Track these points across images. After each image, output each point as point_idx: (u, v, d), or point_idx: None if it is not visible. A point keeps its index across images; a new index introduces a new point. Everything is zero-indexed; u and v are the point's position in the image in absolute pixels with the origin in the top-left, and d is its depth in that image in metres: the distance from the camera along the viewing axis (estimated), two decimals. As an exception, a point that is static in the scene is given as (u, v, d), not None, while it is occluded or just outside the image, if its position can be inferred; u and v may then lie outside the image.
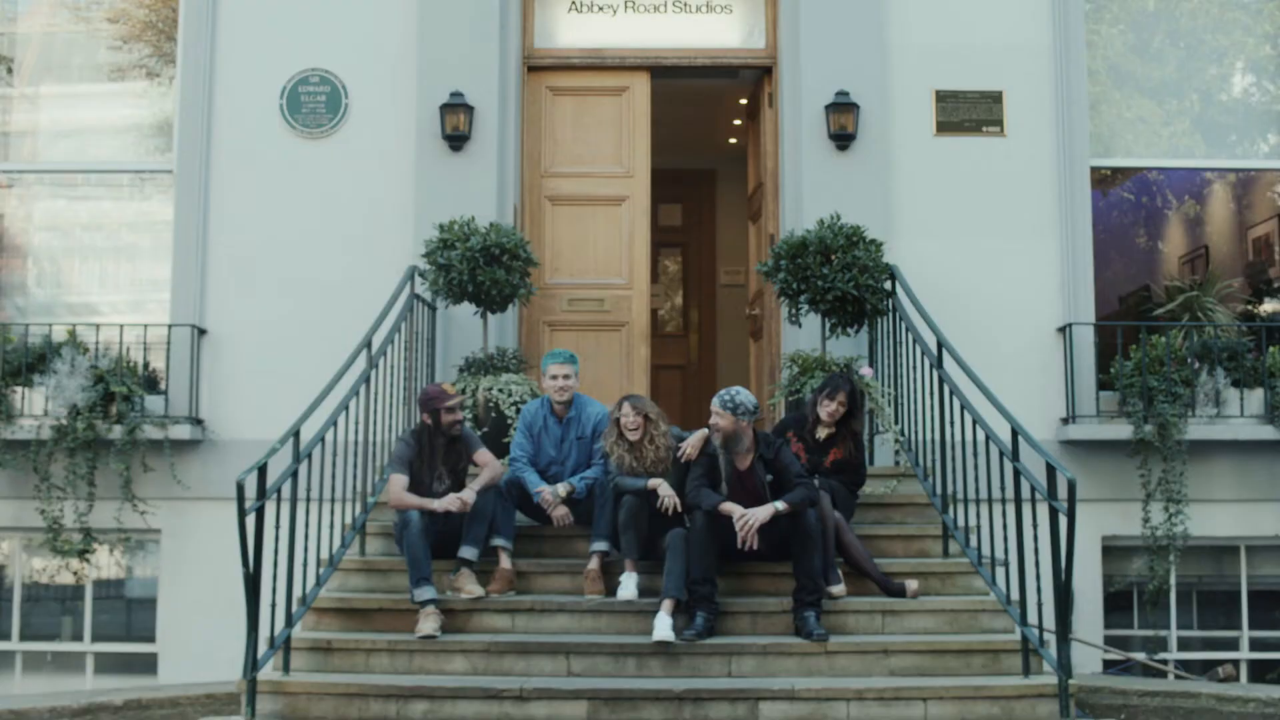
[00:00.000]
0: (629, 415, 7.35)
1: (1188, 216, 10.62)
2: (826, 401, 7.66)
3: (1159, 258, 10.62)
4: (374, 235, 9.47)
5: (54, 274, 10.22)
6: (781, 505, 6.95)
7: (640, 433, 7.33)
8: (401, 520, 7.19)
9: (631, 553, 7.19)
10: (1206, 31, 10.17)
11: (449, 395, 7.45)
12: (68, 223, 10.30)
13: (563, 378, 7.71)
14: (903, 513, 8.09)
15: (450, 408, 7.42)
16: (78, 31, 10.17)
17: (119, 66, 10.11)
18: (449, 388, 7.52)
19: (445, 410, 7.41)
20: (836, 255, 8.45)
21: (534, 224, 9.85)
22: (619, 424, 7.39)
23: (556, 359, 7.77)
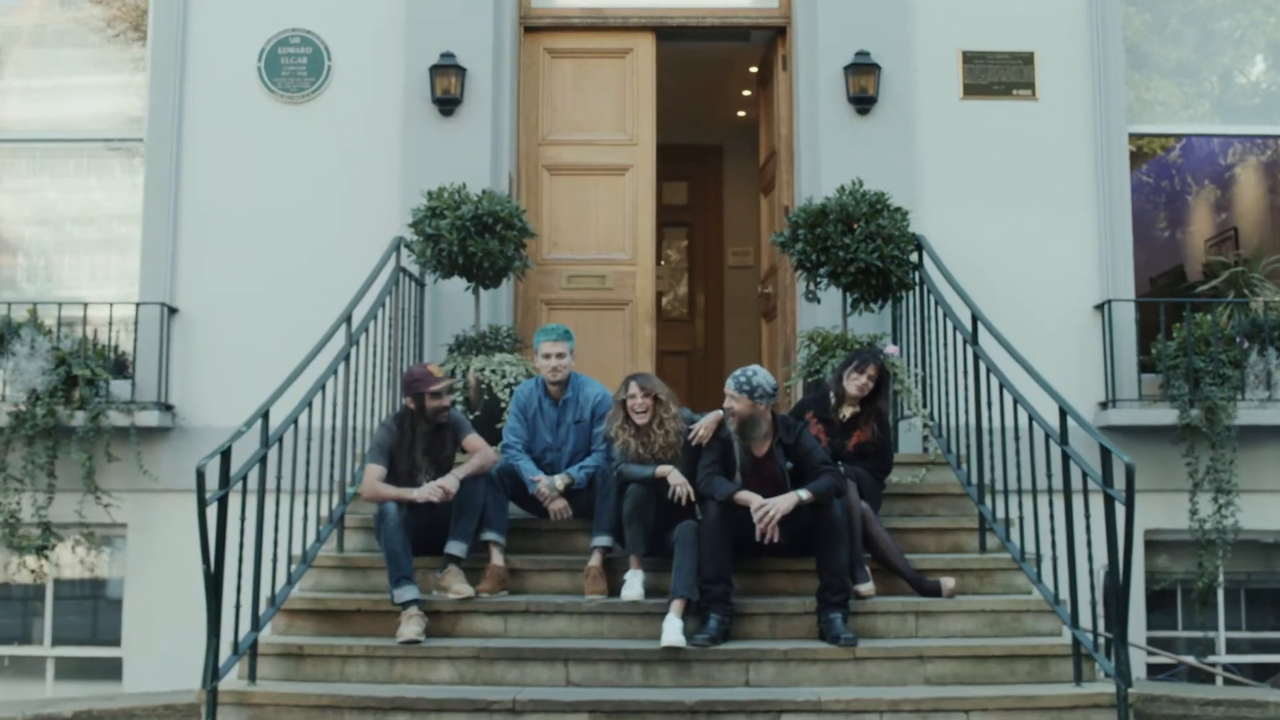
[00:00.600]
0: (637, 396, 6.66)
1: (1220, 192, 9.92)
2: (855, 375, 6.97)
3: (1190, 236, 9.92)
4: (359, 207, 8.78)
5: (14, 250, 9.50)
6: (805, 494, 6.27)
7: (649, 416, 6.64)
8: (379, 513, 6.50)
9: (637, 548, 6.50)
10: (1226, 13, 9.46)
11: (434, 378, 6.75)
12: (34, 196, 9.56)
13: (555, 356, 7.02)
14: (933, 503, 7.40)
15: (436, 392, 6.72)
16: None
17: (88, 28, 9.38)
18: (435, 369, 6.82)
19: (430, 395, 6.71)
20: (859, 224, 7.76)
21: (531, 195, 9.16)
22: (625, 406, 6.71)
23: (548, 336, 7.07)
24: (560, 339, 7.02)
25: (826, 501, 6.29)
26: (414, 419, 6.77)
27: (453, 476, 6.58)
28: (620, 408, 6.72)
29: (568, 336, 7.06)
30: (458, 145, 8.73)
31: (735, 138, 12.78)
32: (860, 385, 6.97)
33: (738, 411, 6.41)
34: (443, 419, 6.77)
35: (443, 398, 6.74)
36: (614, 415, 6.75)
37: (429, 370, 6.79)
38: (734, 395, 6.43)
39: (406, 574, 6.34)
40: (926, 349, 7.88)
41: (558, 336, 7.03)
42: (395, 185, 8.70)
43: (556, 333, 7.05)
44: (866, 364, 7.00)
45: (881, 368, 7.06)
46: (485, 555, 6.68)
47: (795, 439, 6.52)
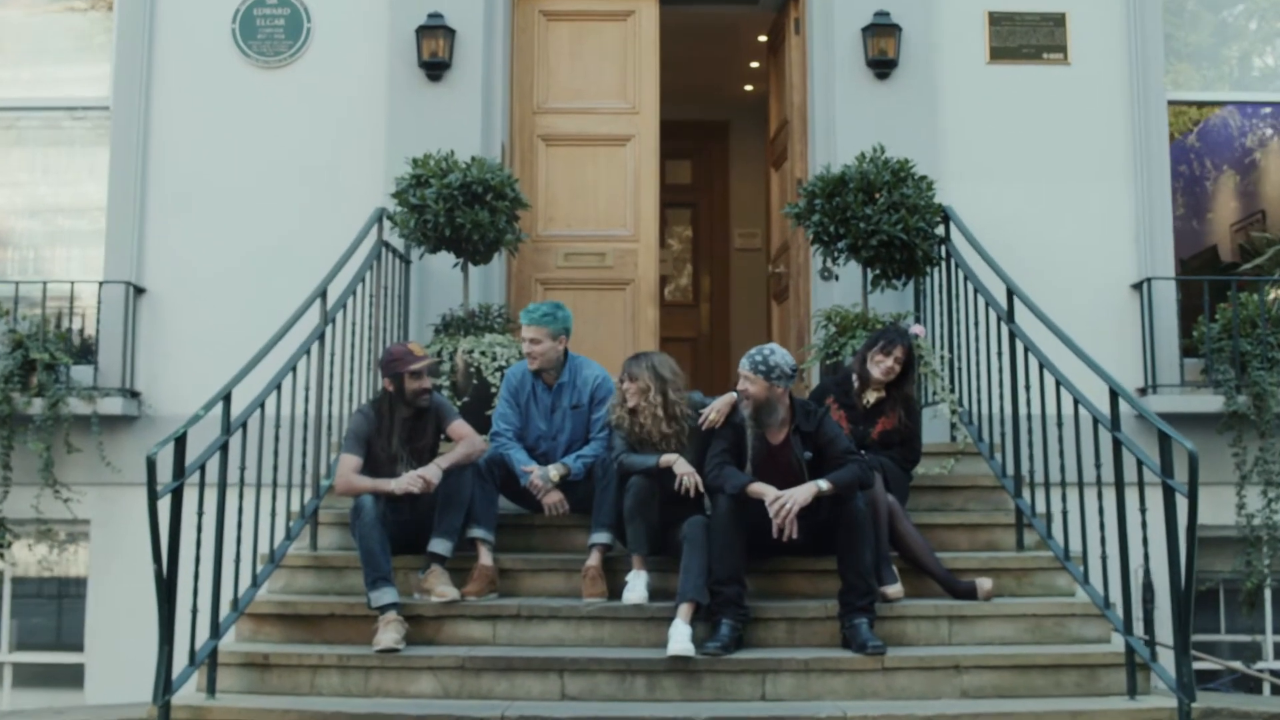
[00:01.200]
0: (624, 381, 6.06)
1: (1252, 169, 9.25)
2: (880, 357, 6.34)
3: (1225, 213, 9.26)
4: (341, 179, 8.14)
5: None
6: (825, 485, 5.64)
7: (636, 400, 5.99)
8: (354, 507, 5.88)
9: (640, 546, 5.87)
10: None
11: (415, 356, 6.12)
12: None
13: (529, 342, 6.38)
14: (963, 497, 6.78)
15: (416, 372, 6.09)
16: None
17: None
18: (416, 348, 6.20)
19: (410, 375, 6.09)
20: (881, 194, 7.12)
21: (525, 167, 8.53)
22: (623, 397, 6.09)
23: (525, 318, 6.41)
24: (537, 323, 6.36)
25: (849, 494, 5.67)
26: (393, 403, 6.15)
27: (435, 466, 5.96)
28: (619, 392, 6.11)
29: (550, 320, 6.38)
30: (446, 112, 8.10)
31: (742, 113, 12.16)
32: (886, 369, 6.34)
33: (752, 394, 5.79)
34: (423, 402, 6.14)
35: (423, 378, 6.11)
36: (615, 401, 6.13)
37: (409, 349, 6.17)
38: (748, 376, 5.80)
39: (384, 575, 5.72)
40: (954, 329, 7.26)
41: (535, 320, 6.36)
42: (380, 155, 8.06)
43: (534, 315, 6.38)
44: (894, 345, 6.37)
45: (909, 349, 6.44)
46: (472, 554, 6.05)
47: (816, 425, 5.89)
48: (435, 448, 6.23)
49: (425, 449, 6.15)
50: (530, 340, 6.34)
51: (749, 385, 5.80)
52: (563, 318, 6.39)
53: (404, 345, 6.25)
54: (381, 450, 6.08)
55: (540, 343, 6.33)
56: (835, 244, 7.22)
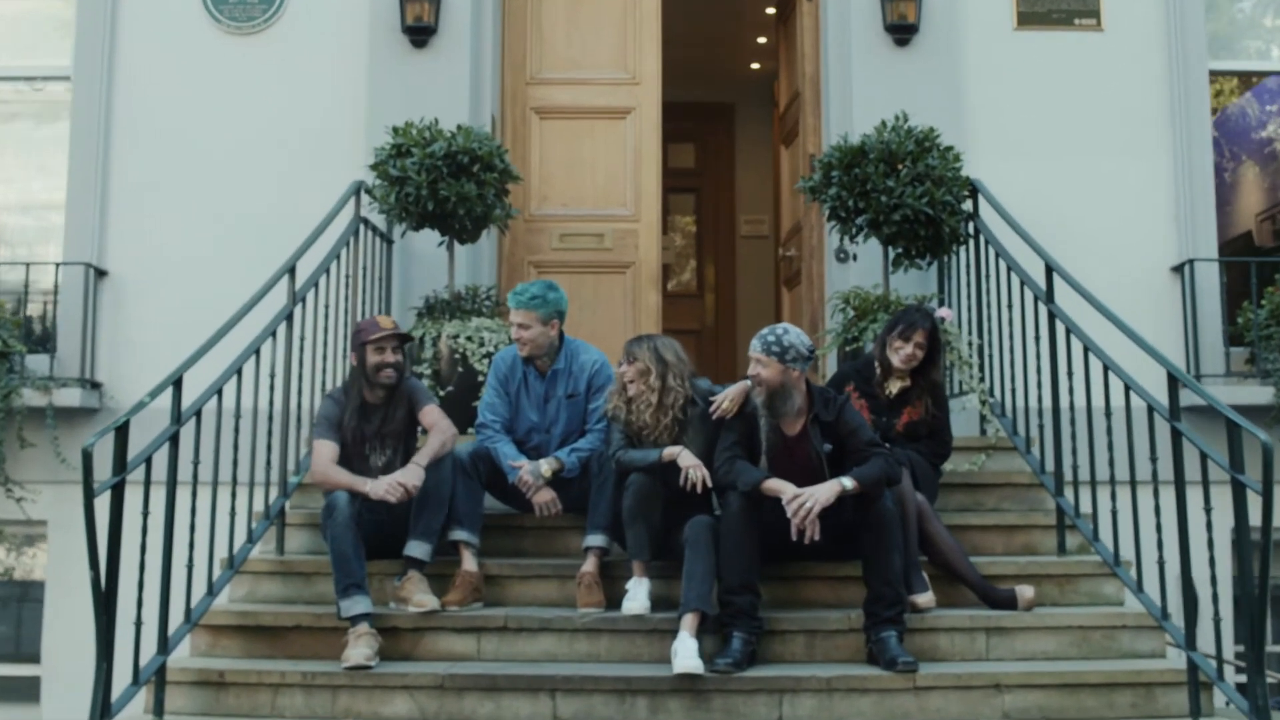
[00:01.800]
0: (622, 364, 5.45)
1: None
2: (900, 343, 5.73)
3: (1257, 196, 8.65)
4: (319, 154, 7.52)
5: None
6: (849, 483, 5.04)
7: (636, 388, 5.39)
8: (326, 505, 5.28)
9: (641, 550, 5.27)
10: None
11: (378, 327, 5.53)
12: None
13: (518, 327, 5.75)
14: (997, 495, 6.17)
15: (378, 344, 5.49)
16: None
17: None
18: (385, 319, 5.59)
19: (372, 346, 5.50)
20: (904, 165, 6.51)
21: (517, 141, 7.93)
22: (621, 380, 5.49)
23: (514, 301, 5.77)
24: (525, 307, 5.73)
25: (876, 492, 5.07)
26: (360, 382, 5.55)
27: (415, 466, 5.35)
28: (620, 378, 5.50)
29: (537, 304, 5.74)
30: (432, 82, 7.49)
31: (748, 93, 11.58)
32: (907, 355, 5.73)
33: (765, 379, 5.19)
34: (386, 379, 5.52)
35: (386, 351, 5.50)
36: (613, 389, 5.52)
37: (376, 320, 5.59)
38: (760, 359, 5.20)
39: (357, 581, 5.12)
40: (983, 313, 6.66)
41: (520, 303, 5.73)
42: (360, 128, 7.46)
43: (521, 298, 5.74)
44: (914, 329, 5.75)
45: (933, 332, 5.83)
46: (454, 558, 5.45)
47: (835, 415, 5.29)
48: (409, 434, 5.62)
49: (396, 434, 5.55)
50: (519, 325, 5.73)
51: (761, 369, 5.19)
52: (554, 300, 5.77)
53: (373, 317, 5.65)
54: (350, 434, 5.48)
55: (529, 328, 5.72)
56: (854, 220, 6.61)
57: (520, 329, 5.72)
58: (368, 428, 5.53)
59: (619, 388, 5.42)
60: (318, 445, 5.47)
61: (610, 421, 5.44)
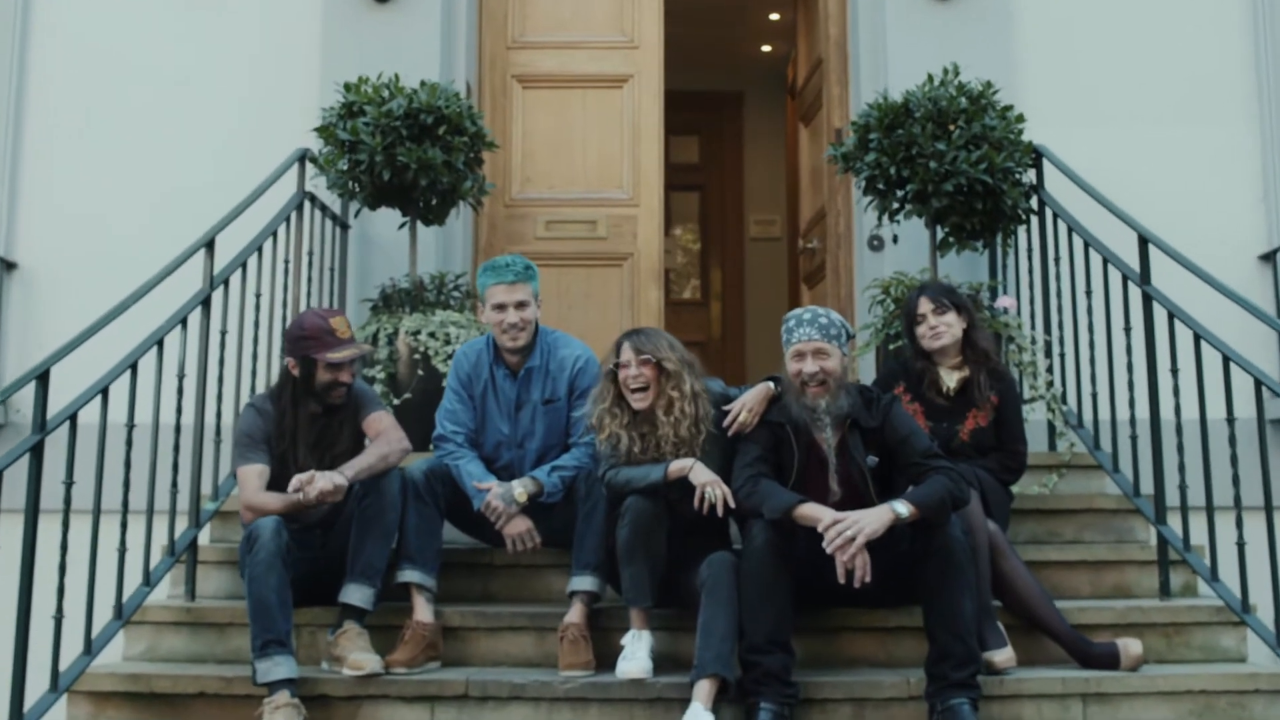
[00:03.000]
0: (630, 364, 4.31)
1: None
2: (930, 315, 4.64)
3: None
4: (266, 124, 6.36)
5: None
6: (904, 508, 3.91)
7: (650, 395, 4.28)
8: (246, 536, 4.15)
9: (641, 595, 4.14)
10: None
11: (336, 339, 4.39)
12: None
13: (514, 308, 4.60)
14: (1075, 524, 5.04)
15: (334, 363, 4.37)
16: None
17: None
18: (340, 323, 4.43)
19: (325, 364, 4.37)
20: (957, 126, 5.41)
21: (496, 114, 6.84)
22: (616, 379, 4.34)
23: (501, 276, 4.61)
24: (520, 279, 4.61)
25: (939, 519, 3.94)
26: (296, 393, 4.42)
27: (337, 474, 4.20)
28: (610, 382, 4.35)
29: (529, 275, 4.65)
30: (396, 41, 6.37)
31: (759, 80, 10.52)
32: (933, 331, 4.62)
33: (832, 372, 4.10)
34: (336, 399, 4.41)
35: (343, 370, 4.38)
36: (601, 393, 4.37)
37: (330, 324, 4.42)
38: (824, 347, 4.13)
39: (279, 637, 4.00)
40: (1050, 302, 5.56)
41: (516, 275, 4.61)
42: (313, 95, 6.31)
43: (514, 270, 4.62)
44: (940, 297, 4.67)
45: (949, 291, 4.71)
46: (404, 605, 4.32)
47: (882, 419, 4.17)
48: (356, 454, 4.48)
49: (342, 457, 4.39)
50: (516, 305, 4.57)
51: (826, 360, 4.11)
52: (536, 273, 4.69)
53: (323, 316, 4.47)
54: (278, 457, 4.36)
55: (527, 306, 4.59)
56: (895, 191, 5.50)
57: (518, 310, 4.57)
58: (302, 448, 4.39)
59: (606, 396, 4.29)
60: (244, 474, 4.34)
61: (598, 432, 4.32)
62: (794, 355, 4.17)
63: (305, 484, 4.07)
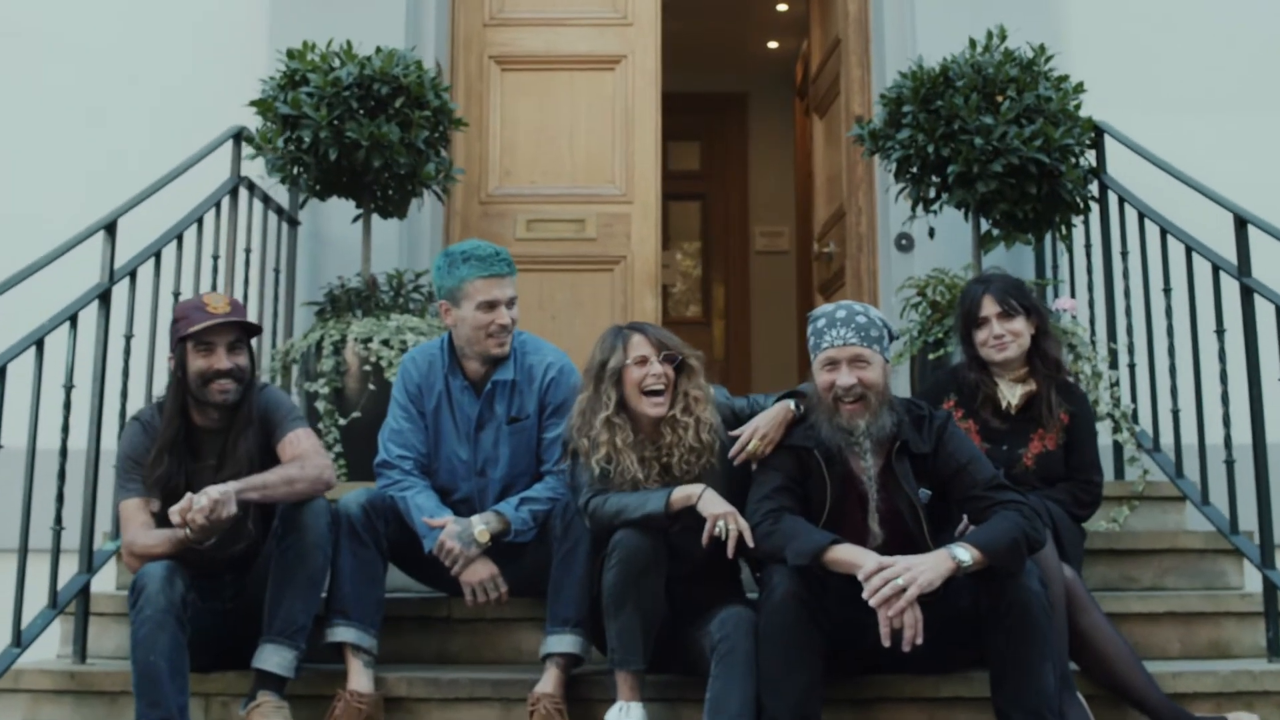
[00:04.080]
0: (651, 360, 3.50)
1: None
2: (995, 320, 3.80)
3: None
4: (207, 104, 5.41)
5: None
6: (966, 554, 3.07)
7: (668, 400, 3.46)
8: (133, 587, 3.32)
9: (632, 655, 3.29)
10: None
11: (204, 313, 3.53)
12: None
13: (506, 306, 3.75)
14: (1155, 566, 4.19)
15: (202, 339, 3.52)
16: None
17: None
18: (216, 300, 3.57)
19: (195, 344, 3.53)
20: (1006, 97, 4.59)
21: (471, 99, 6.04)
22: (620, 384, 3.50)
23: (489, 266, 3.73)
24: (511, 273, 3.78)
25: (1013, 567, 3.10)
26: (181, 400, 3.57)
27: (227, 488, 3.33)
28: (612, 386, 3.51)
29: (514, 269, 3.82)
30: (356, 16, 5.48)
31: (764, 80, 9.73)
32: (998, 340, 3.79)
33: (873, 383, 3.27)
34: (220, 395, 3.54)
35: (217, 351, 3.52)
36: (594, 399, 3.53)
37: (202, 299, 3.57)
38: (856, 351, 3.31)
39: (169, 715, 3.16)
40: (1116, 305, 4.74)
41: (508, 268, 3.77)
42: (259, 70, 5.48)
43: (505, 260, 3.77)
44: (985, 292, 3.83)
45: (1019, 288, 3.87)
46: (336, 669, 3.47)
47: (935, 442, 3.34)
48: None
49: (242, 475, 3.50)
50: (506, 303, 3.74)
51: (865, 370, 3.29)
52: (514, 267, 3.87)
53: (200, 296, 3.64)
54: (165, 482, 3.49)
55: (515, 304, 3.79)
56: (933, 175, 4.68)
57: (511, 309, 3.75)
58: (194, 470, 3.54)
59: (606, 402, 3.46)
60: (125, 509, 3.50)
61: (579, 456, 3.49)
62: (825, 364, 3.33)
63: (184, 511, 3.22)
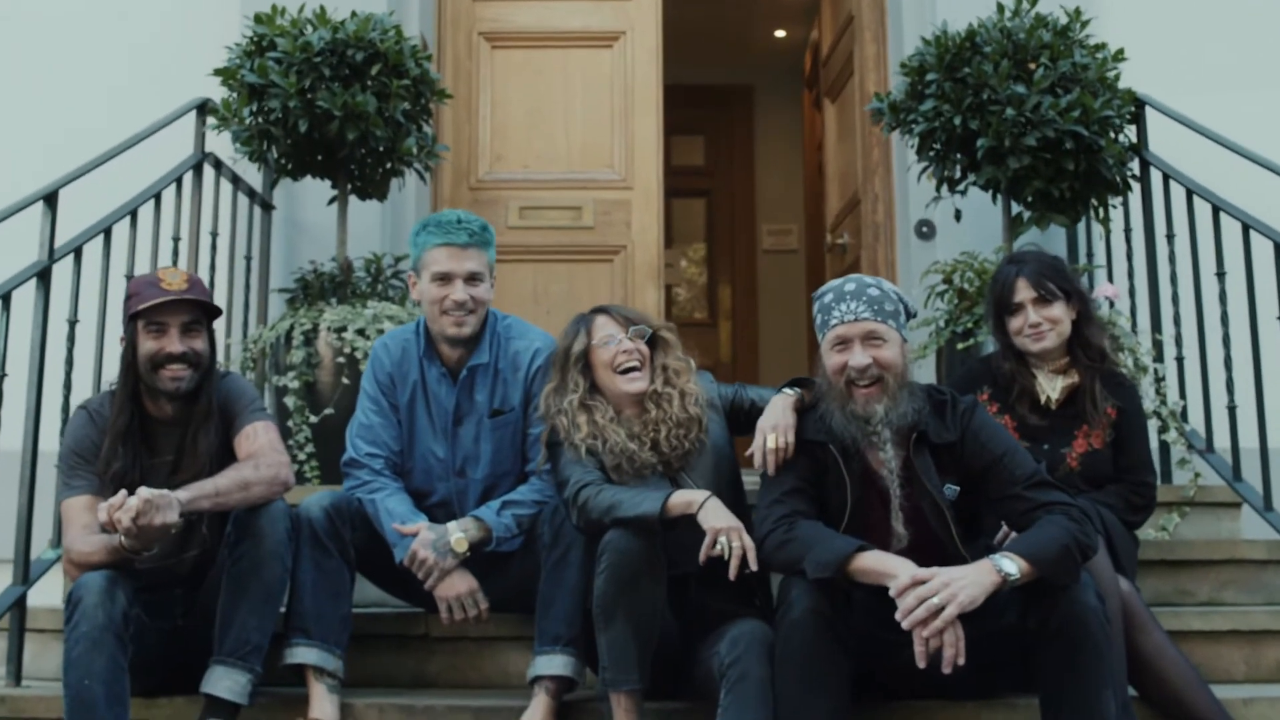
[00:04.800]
0: (618, 339, 3.15)
1: None
2: (1031, 306, 3.38)
3: None
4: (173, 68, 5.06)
5: None
6: (1012, 564, 2.66)
7: (646, 374, 3.07)
8: (68, 599, 2.93)
9: (624, 673, 2.88)
10: None
11: (158, 289, 3.12)
12: None
13: (464, 281, 3.33)
14: (1212, 579, 3.79)
15: (153, 319, 3.12)
16: None
17: None
18: (172, 276, 3.14)
19: (145, 325, 3.12)
20: (1040, 64, 4.20)
21: (460, 79, 5.66)
22: (588, 364, 3.15)
23: (447, 234, 3.33)
24: (474, 243, 3.36)
25: (1066, 579, 2.69)
26: (133, 386, 3.16)
27: (178, 495, 2.90)
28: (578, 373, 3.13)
29: (486, 239, 3.40)
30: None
31: (771, 72, 9.34)
32: (1034, 329, 3.37)
33: (890, 363, 2.87)
34: (172, 383, 3.12)
35: (169, 332, 3.11)
36: (553, 392, 3.15)
37: (157, 274, 3.17)
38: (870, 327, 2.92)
39: (104, 747, 2.76)
40: (1160, 292, 4.33)
41: (471, 237, 3.35)
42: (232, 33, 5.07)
43: (467, 229, 3.35)
44: (1020, 272, 3.40)
45: (1071, 288, 3.44)
46: (297, 693, 3.07)
47: (961, 430, 2.93)
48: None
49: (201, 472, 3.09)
50: (467, 278, 3.32)
51: (881, 348, 2.89)
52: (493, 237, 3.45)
53: (155, 272, 3.24)
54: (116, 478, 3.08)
55: (480, 281, 3.34)
56: (961, 150, 4.28)
57: (469, 284, 3.32)
58: (148, 467, 3.14)
59: (576, 384, 3.08)
60: (68, 509, 3.11)
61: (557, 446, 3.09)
62: (835, 343, 2.93)
63: (116, 510, 2.81)
